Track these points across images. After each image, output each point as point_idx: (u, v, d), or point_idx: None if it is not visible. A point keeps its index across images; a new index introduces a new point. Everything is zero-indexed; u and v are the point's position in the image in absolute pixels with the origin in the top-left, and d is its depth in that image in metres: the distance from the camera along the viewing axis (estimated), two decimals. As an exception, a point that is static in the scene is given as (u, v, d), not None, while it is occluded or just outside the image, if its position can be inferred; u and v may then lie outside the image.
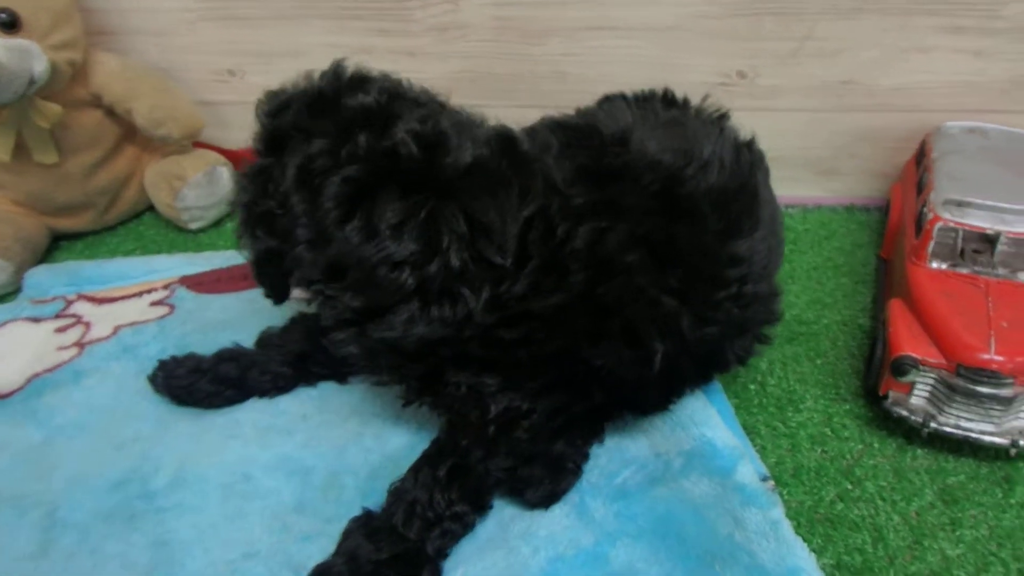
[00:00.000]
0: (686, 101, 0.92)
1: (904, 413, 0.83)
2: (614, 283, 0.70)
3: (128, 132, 1.20)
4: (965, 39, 1.04)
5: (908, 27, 1.04)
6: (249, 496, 0.79)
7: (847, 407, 0.89)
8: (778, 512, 0.70)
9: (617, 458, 0.80)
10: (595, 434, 0.82)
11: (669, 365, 0.72)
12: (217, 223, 1.24)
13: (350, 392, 0.89)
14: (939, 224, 0.87)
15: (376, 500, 0.76)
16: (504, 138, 0.71)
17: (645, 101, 0.93)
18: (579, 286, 0.68)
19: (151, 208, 1.26)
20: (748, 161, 0.82)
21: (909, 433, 0.85)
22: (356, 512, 0.74)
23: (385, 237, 0.63)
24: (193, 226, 1.22)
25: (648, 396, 0.79)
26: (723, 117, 0.89)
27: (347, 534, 0.73)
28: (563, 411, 0.75)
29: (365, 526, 0.73)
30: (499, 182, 0.67)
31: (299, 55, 1.19)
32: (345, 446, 0.83)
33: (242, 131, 1.26)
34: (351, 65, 0.75)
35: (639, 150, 0.78)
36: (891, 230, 1.07)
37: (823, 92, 1.11)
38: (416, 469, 0.75)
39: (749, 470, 0.75)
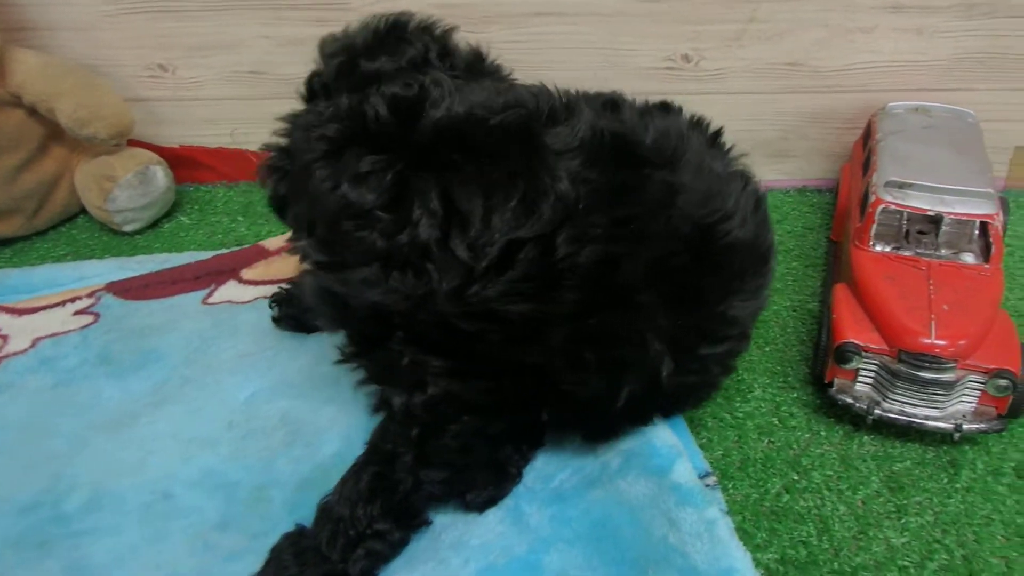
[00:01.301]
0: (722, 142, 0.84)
1: (849, 400, 0.81)
2: (613, 316, 0.65)
3: (54, 132, 1.15)
4: (907, 18, 1.02)
5: (851, 7, 1.02)
6: (170, 515, 0.75)
7: (795, 395, 0.87)
8: (714, 511, 0.67)
9: (554, 460, 0.78)
10: (540, 441, 0.79)
11: (634, 403, 0.69)
12: (153, 224, 1.20)
13: (280, 397, 0.86)
14: (881, 206, 0.85)
15: (305, 513, 0.72)
16: (521, 116, 0.65)
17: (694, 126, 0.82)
18: (568, 305, 0.63)
19: (84, 211, 1.22)
20: (763, 218, 0.76)
21: (856, 420, 0.83)
22: (284, 527, 0.71)
23: (346, 185, 0.62)
24: (127, 228, 1.17)
25: (601, 425, 0.75)
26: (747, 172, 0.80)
27: (275, 551, 0.69)
28: (503, 420, 0.71)
29: (295, 544, 0.69)
30: (500, 183, 0.62)
31: (233, 47, 1.14)
32: (273, 457, 0.80)
33: (176, 127, 1.24)
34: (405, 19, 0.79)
35: (676, 183, 0.68)
36: (840, 212, 1.05)
37: (769, 74, 1.09)
38: (343, 481, 0.71)
39: (686, 468, 0.72)
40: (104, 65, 1.17)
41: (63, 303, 1.00)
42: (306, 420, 0.83)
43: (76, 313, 0.99)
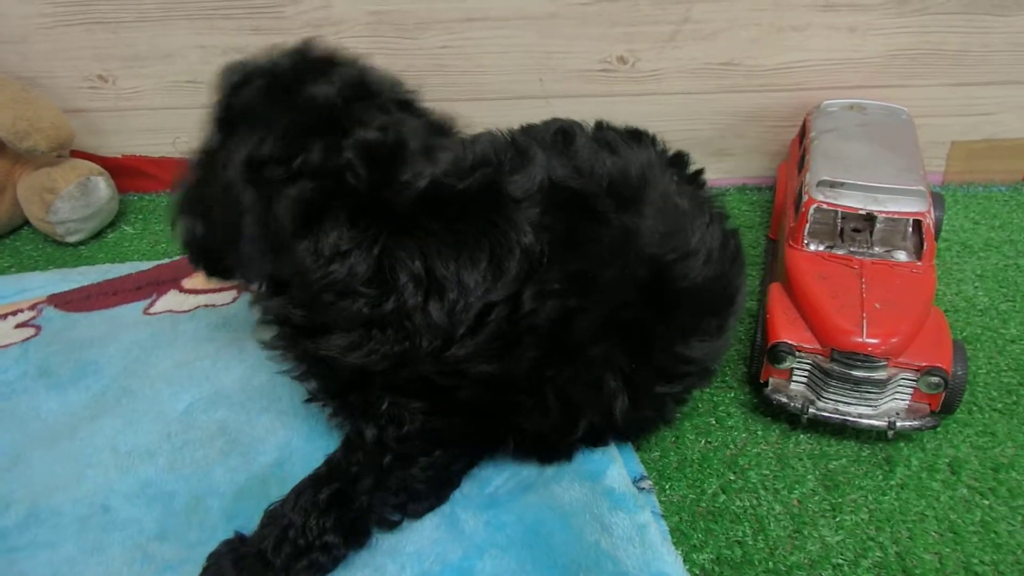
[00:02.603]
0: (693, 172, 0.85)
1: (784, 400, 0.80)
2: (568, 370, 0.66)
3: (-6, 145, 1.12)
4: (838, 16, 1.01)
5: (782, 6, 1.01)
6: (108, 528, 0.73)
7: (733, 395, 0.86)
8: (646, 515, 0.66)
9: (491, 465, 0.76)
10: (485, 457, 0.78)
11: (592, 433, 0.71)
12: (97, 234, 1.17)
13: (217, 407, 0.83)
14: (814, 206, 0.84)
15: (242, 522, 0.71)
16: (488, 176, 0.65)
17: (672, 163, 0.83)
18: (526, 363, 0.65)
19: (28, 223, 1.18)
20: (732, 256, 0.75)
21: (792, 419, 0.82)
22: (222, 536, 0.69)
23: (331, 261, 0.60)
24: (71, 239, 1.14)
25: (560, 451, 0.74)
26: (718, 209, 0.79)
27: (213, 557, 0.68)
28: (471, 452, 0.73)
29: (234, 551, 0.67)
30: (468, 244, 0.62)
31: (170, 57, 1.12)
32: (210, 467, 0.78)
33: (118, 137, 1.21)
34: (321, 46, 0.70)
35: (633, 226, 0.68)
36: (776, 211, 1.04)
37: (705, 74, 1.08)
38: (299, 491, 0.69)
39: (619, 473, 0.71)
40: (41, 77, 1.14)
41: (4, 316, 0.97)
42: (243, 430, 0.81)
43: (18, 326, 0.96)
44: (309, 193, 0.61)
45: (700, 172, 0.84)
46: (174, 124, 1.18)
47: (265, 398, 0.83)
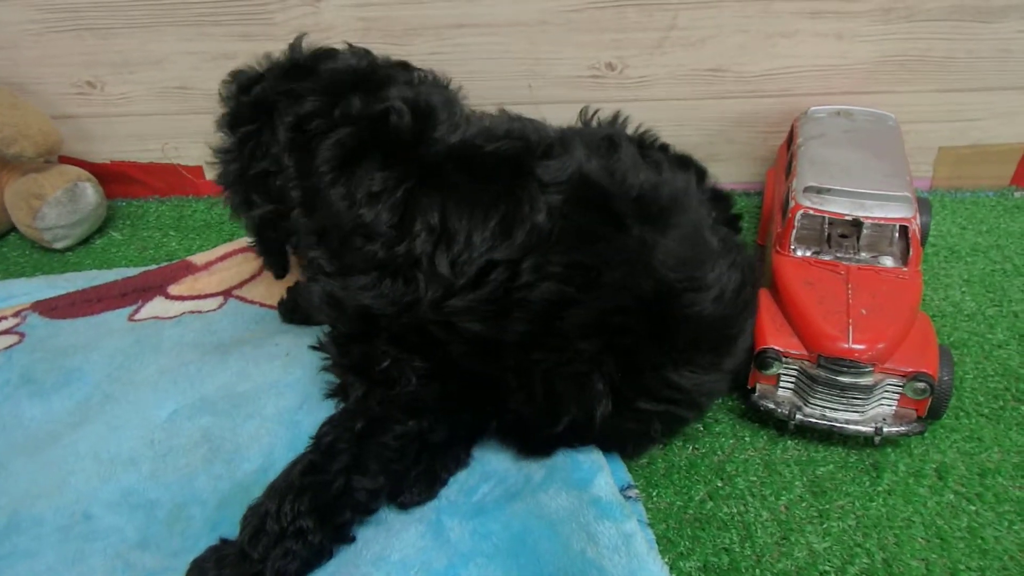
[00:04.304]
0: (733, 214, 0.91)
1: (771, 406, 0.78)
2: (554, 357, 0.66)
3: (-20, 151, 1.10)
4: (825, 23, 1.00)
5: (769, 12, 1.00)
6: (89, 536, 0.71)
7: (721, 401, 0.85)
8: (632, 524, 0.65)
9: (478, 471, 0.74)
10: (474, 445, 0.76)
11: (573, 431, 0.69)
12: (85, 240, 1.15)
13: (201, 414, 0.82)
14: (800, 212, 0.83)
15: (226, 530, 0.69)
16: (516, 147, 0.68)
17: (715, 199, 0.86)
18: (515, 336, 0.65)
19: (15, 229, 1.17)
20: (744, 303, 0.73)
21: (780, 425, 0.81)
22: (204, 545, 0.67)
23: (361, 205, 0.66)
24: (58, 245, 1.12)
25: (538, 443, 0.73)
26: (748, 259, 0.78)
27: (197, 562, 0.66)
28: (445, 426, 0.70)
29: (217, 552, 0.66)
30: (484, 202, 0.65)
31: (159, 63, 1.10)
32: (193, 475, 0.76)
33: (107, 143, 1.19)
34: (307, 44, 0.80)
35: (652, 241, 0.66)
36: (765, 216, 1.03)
37: (693, 80, 1.07)
38: (274, 481, 0.68)
39: (607, 482, 0.69)
40: (30, 83, 1.13)
41: (-13, 323, 0.95)
42: (227, 437, 0.79)
43: (1, 333, 0.94)
44: (348, 138, 0.68)
45: (739, 217, 0.90)
46: (163, 130, 1.16)
47: (250, 405, 0.81)
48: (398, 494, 0.70)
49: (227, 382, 0.84)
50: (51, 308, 0.97)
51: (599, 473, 0.70)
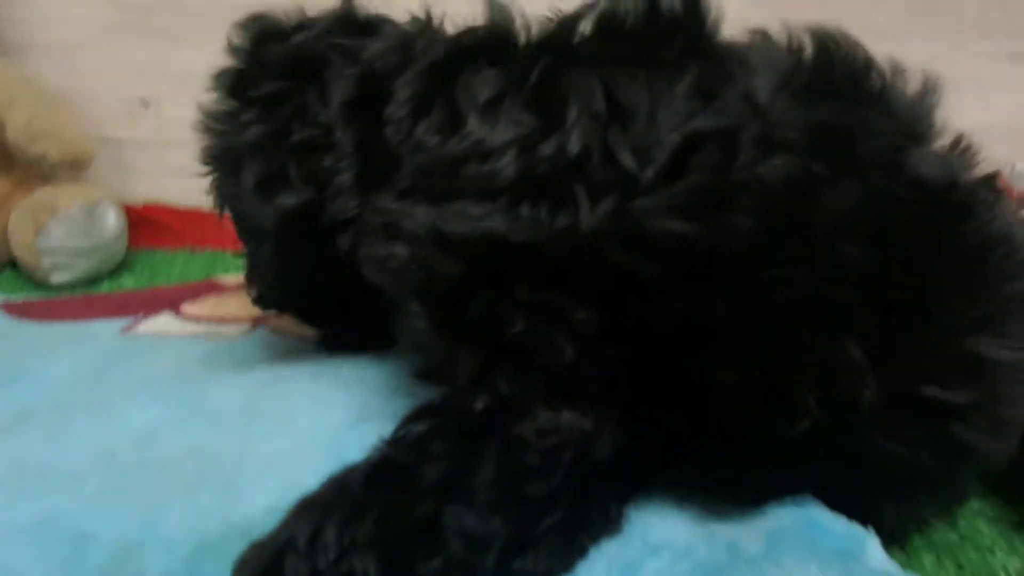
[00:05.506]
0: None
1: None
2: (799, 271, 0.39)
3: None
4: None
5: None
6: None
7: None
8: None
9: (637, 541, 0.43)
10: (629, 496, 0.46)
11: (813, 447, 0.40)
12: (90, 281, 0.91)
13: (194, 426, 0.53)
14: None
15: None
16: (690, 4, 0.46)
17: None
18: (739, 238, 0.39)
19: (13, 264, 0.93)
20: None
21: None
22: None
23: (474, 121, 0.45)
24: (55, 278, 0.89)
25: (752, 475, 0.44)
26: None
27: None
28: (631, 426, 0.43)
29: None
30: (662, 62, 0.44)
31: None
32: (163, 504, 0.46)
33: (144, 179, 0.99)
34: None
35: (907, 138, 0.42)
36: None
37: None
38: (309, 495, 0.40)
39: (879, 553, 0.39)
40: (78, 97, 0.97)
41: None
42: (227, 458, 0.49)
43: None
44: (437, 55, 0.50)
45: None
46: (216, 164, 0.97)
47: (273, 419, 0.53)
48: (513, 555, 0.39)
49: (243, 395, 0.56)
50: (22, 310, 0.71)
51: (867, 538, 0.40)
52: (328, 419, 0.52)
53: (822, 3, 0.67)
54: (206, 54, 0.89)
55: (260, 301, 0.62)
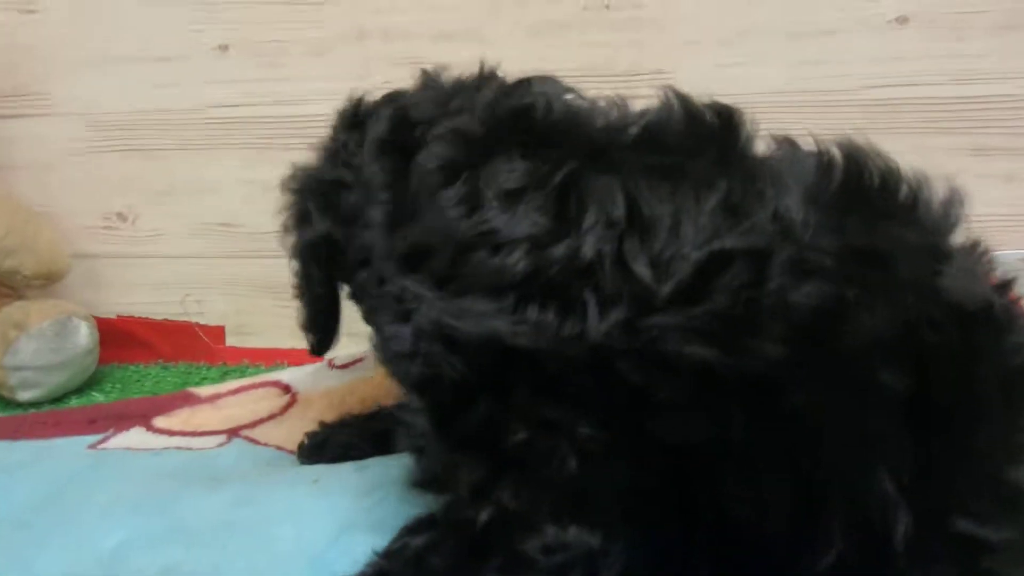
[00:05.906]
0: None
1: None
2: (830, 395, 0.38)
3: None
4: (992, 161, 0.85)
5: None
6: None
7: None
8: None
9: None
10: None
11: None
12: (58, 399, 0.88)
13: (168, 544, 0.50)
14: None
15: None
16: (726, 117, 0.46)
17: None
18: (766, 365, 0.37)
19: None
20: None
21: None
22: None
23: (492, 207, 0.43)
24: (22, 396, 0.86)
25: None
26: None
27: None
28: (637, 544, 0.40)
29: None
30: (690, 175, 0.42)
31: (207, 192, 0.94)
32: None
33: (118, 291, 0.98)
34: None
35: (941, 253, 0.42)
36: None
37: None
38: None
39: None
40: (54, 211, 0.96)
41: None
42: (202, 576, 0.47)
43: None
44: (470, 125, 0.48)
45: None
46: (190, 277, 0.96)
47: (250, 534, 0.50)
48: None
49: (216, 508, 0.53)
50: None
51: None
52: (309, 532, 0.50)
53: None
54: (189, 166, 0.91)
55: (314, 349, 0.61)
